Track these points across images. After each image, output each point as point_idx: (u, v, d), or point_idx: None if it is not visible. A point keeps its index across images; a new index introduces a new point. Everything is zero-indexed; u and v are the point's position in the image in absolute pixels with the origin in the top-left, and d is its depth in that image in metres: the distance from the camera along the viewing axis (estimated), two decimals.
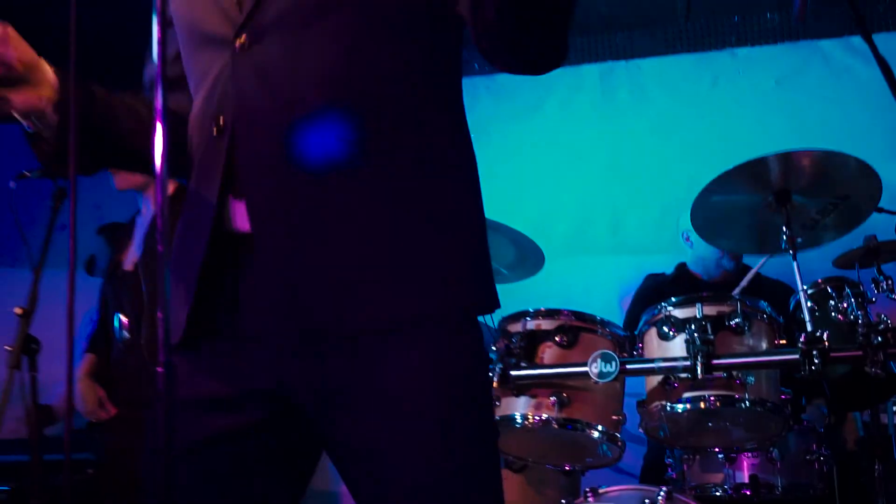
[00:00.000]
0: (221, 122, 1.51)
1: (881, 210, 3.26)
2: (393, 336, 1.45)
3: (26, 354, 3.15)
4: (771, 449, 3.19)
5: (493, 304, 1.58)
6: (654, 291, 4.17)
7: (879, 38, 4.51)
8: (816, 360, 2.79)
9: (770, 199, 3.15)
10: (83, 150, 1.56)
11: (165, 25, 1.17)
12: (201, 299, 1.51)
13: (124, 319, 3.59)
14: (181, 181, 1.72)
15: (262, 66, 1.49)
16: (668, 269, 4.43)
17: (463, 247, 1.54)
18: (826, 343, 2.79)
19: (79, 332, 3.81)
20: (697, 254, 4.24)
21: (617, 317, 4.32)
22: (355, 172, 1.46)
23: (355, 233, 1.44)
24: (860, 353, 2.82)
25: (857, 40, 2.68)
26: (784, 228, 3.09)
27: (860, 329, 2.88)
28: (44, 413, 3.76)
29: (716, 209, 3.31)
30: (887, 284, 3.10)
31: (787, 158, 3.07)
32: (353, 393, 1.45)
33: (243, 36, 1.49)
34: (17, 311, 3.10)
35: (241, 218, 1.49)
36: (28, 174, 3.34)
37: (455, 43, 1.63)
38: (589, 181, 4.89)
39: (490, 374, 2.55)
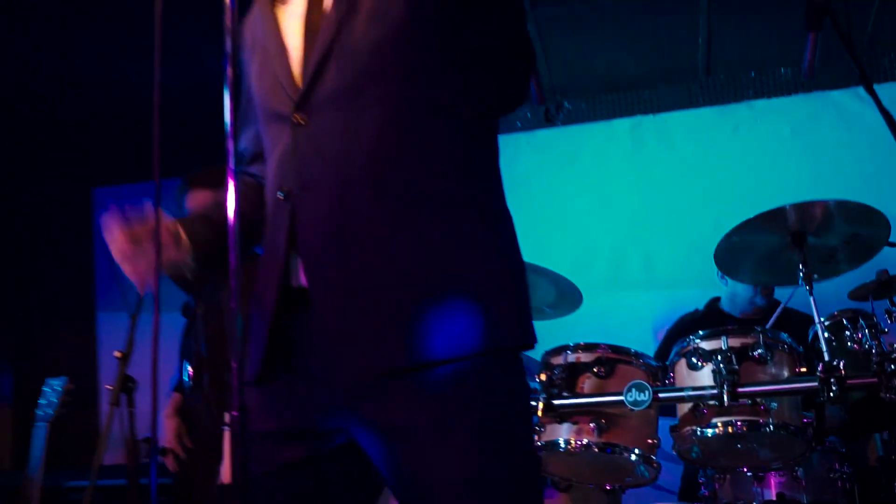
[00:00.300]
0: (285, 190, 1.54)
1: (893, 244, 3.18)
2: (438, 374, 1.43)
3: (125, 392, 3.19)
4: (796, 468, 3.09)
5: (531, 341, 1.56)
6: (685, 328, 4.09)
7: (886, 88, 4.51)
8: (834, 387, 2.71)
9: (788, 240, 3.12)
10: (215, 269, 1.67)
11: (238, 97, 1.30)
12: (273, 344, 1.53)
13: (189, 370, 3.51)
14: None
15: (316, 141, 1.52)
16: (697, 302, 4.35)
17: (503, 291, 1.52)
18: (843, 371, 2.72)
19: (174, 372, 3.84)
20: (732, 290, 4.13)
21: (651, 347, 4.28)
22: (398, 234, 1.46)
23: (401, 288, 1.44)
24: (875, 380, 2.74)
25: (863, 92, 2.65)
26: (801, 266, 3.06)
27: (874, 358, 2.81)
28: (143, 444, 3.80)
29: (738, 249, 3.28)
30: None
31: (801, 207, 3.04)
32: (403, 426, 1.43)
33: (300, 114, 1.53)
34: (117, 354, 3.14)
35: (302, 275, 1.51)
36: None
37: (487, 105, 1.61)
38: (622, 224, 4.87)
39: (533, 404, 2.47)
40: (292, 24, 1.60)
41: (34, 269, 5.80)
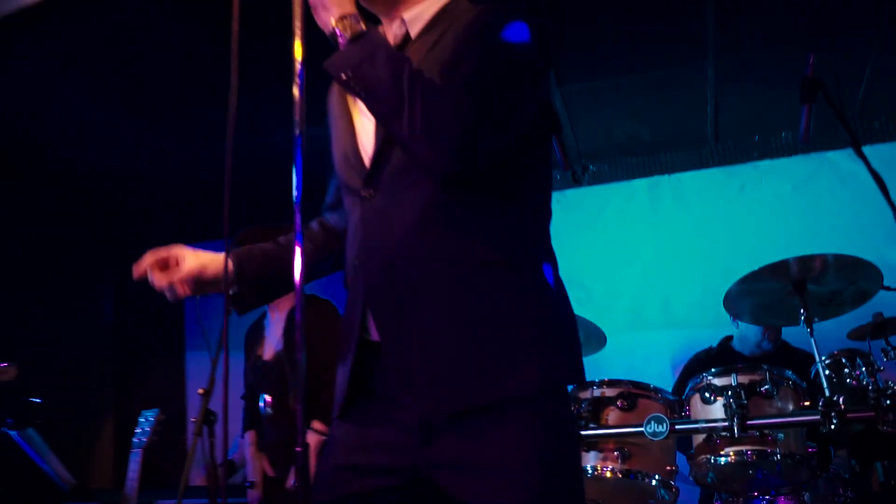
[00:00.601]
0: (359, 258, 1.56)
1: (887, 288, 3.12)
2: (503, 412, 1.41)
3: (206, 424, 3.20)
4: (803, 493, 3.03)
5: (580, 376, 1.54)
6: (699, 365, 4.02)
7: (878, 149, 4.45)
8: (835, 420, 2.69)
9: (790, 287, 3.09)
10: (252, 295, 1.76)
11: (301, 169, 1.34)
12: (354, 388, 1.54)
13: (268, 398, 3.54)
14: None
15: (379, 213, 1.52)
16: (710, 340, 4.27)
17: (561, 336, 1.51)
18: (842, 406, 2.69)
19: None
20: (742, 333, 4.02)
21: (669, 382, 4.21)
22: (449, 294, 1.46)
23: (457, 340, 1.43)
24: (872, 413, 2.71)
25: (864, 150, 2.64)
26: (802, 310, 3.03)
27: (871, 394, 2.76)
28: (226, 466, 3.81)
29: (745, 295, 3.25)
30: (895, 353, 3.02)
31: (802, 260, 3.02)
32: (466, 461, 1.42)
33: (367, 189, 1.54)
34: (200, 391, 3.16)
35: (374, 331, 1.52)
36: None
37: (531, 178, 1.59)
38: (642, 271, 4.82)
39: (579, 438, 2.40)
40: (361, 105, 1.58)
41: (133, 316, 5.85)
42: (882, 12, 3.60)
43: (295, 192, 1.38)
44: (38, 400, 4.41)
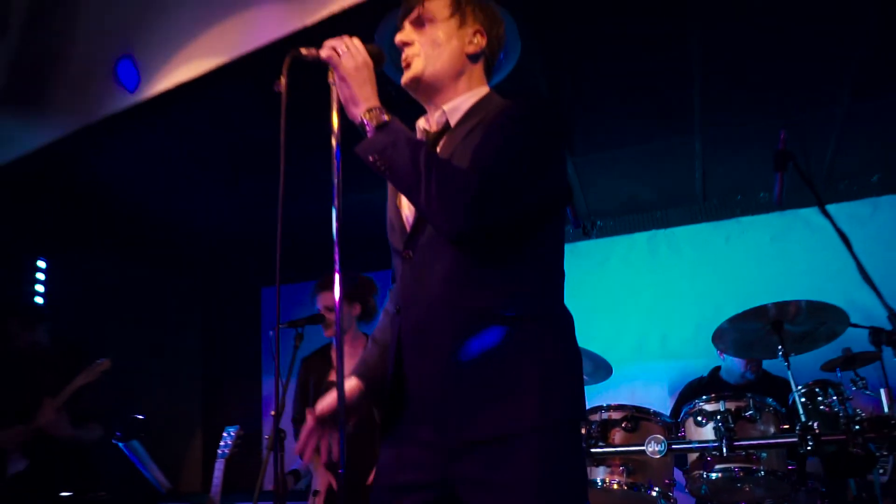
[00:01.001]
0: (397, 307, 1.55)
1: (855, 325, 3.02)
2: (512, 442, 1.38)
3: (277, 441, 3.19)
4: (785, 503, 2.92)
5: (582, 416, 1.51)
6: (693, 392, 3.92)
7: (843, 206, 4.37)
8: (811, 443, 2.59)
9: (769, 327, 3.01)
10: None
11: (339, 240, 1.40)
12: (391, 414, 1.53)
13: None
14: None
15: (415, 271, 1.52)
16: (702, 370, 4.16)
17: (563, 379, 1.46)
18: (817, 430, 2.60)
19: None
20: (728, 365, 3.90)
21: (667, 406, 4.09)
22: (472, 340, 1.43)
23: (472, 381, 1.41)
24: (844, 437, 2.59)
25: (829, 208, 2.58)
26: (779, 346, 2.95)
27: (842, 419, 2.66)
28: (292, 475, 3.79)
29: (730, 333, 3.18)
30: (862, 383, 2.96)
31: (779, 305, 2.96)
32: (486, 482, 1.39)
33: (408, 251, 1.53)
34: (272, 413, 3.16)
35: (406, 367, 1.51)
36: (282, 326, 3.40)
37: (545, 242, 1.55)
38: (643, 312, 4.75)
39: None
40: None
41: (217, 346, 5.88)
42: (844, 90, 3.55)
43: (334, 235, 1.41)
44: (141, 416, 4.45)
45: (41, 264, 4.64)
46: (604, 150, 4.10)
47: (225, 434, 3.76)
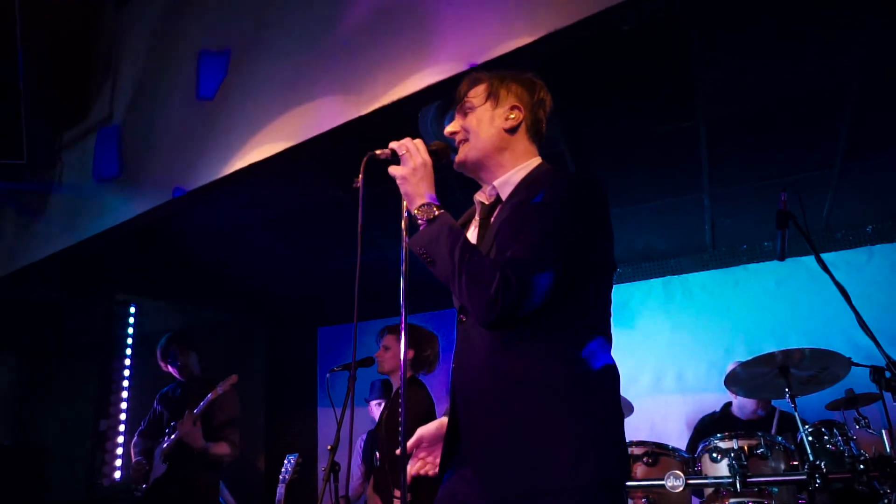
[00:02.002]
0: (455, 362, 1.54)
1: (857, 364, 2.86)
2: (545, 500, 1.32)
3: (332, 472, 3.22)
4: None
5: (620, 476, 1.36)
6: (706, 427, 3.82)
7: (840, 255, 4.28)
8: (818, 480, 2.50)
9: (776, 371, 2.91)
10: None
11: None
12: (447, 457, 1.52)
13: (378, 454, 3.43)
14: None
15: (467, 334, 1.50)
16: (715, 404, 4.05)
17: (598, 440, 1.35)
18: (824, 469, 2.51)
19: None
20: (740, 402, 3.78)
21: (684, 436, 3.99)
22: (506, 405, 1.39)
23: (513, 440, 1.36)
24: (850, 475, 2.52)
25: (825, 257, 2.54)
26: (786, 389, 2.84)
27: (847, 459, 2.60)
28: (342, 500, 3.78)
29: (741, 377, 3.06)
30: (865, 422, 2.85)
31: (785, 352, 2.87)
32: None
33: (462, 315, 1.52)
34: (329, 447, 3.17)
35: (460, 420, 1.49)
36: (336, 370, 3.47)
37: (590, 302, 1.47)
38: (659, 351, 4.65)
39: None
40: None
41: (278, 380, 5.88)
42: (838, 152, 3.53)
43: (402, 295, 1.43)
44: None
45: (132, 309, 4.80)
46: (623, 206, 4.08)
47: (286, 461, 3.72)
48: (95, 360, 4.54)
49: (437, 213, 1.46)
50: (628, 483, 2.81)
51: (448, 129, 1.62)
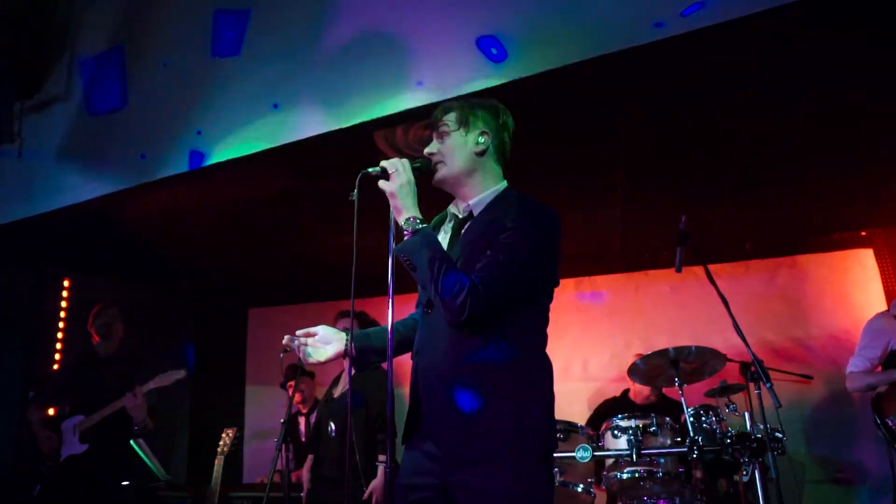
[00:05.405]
0: (417, 348, 1.70)
1: (731, 360, 3.35)
2: (493, 463, 1.50)
3: (284, 444, 3.35)
4: (675, 497, 3.24)
5: (551, 447, 1.58)
6: (607, 408, 4.26)
7: (725, 266, 4.68)
8: (696, 452, 2.96)
9: (669, 364, 3.34)
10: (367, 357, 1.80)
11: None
12: (410, 428, 1.66)
13: (334, 426, 3.54)
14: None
15: (429, 325, 1.68)
16: (615, 391, 4.48)
17: (535, 416, 1.55)
18: (700, 443, 2.96)
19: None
20: (637, 390, 4.19)
21: (586, 417, 4.31)
22: (462, 385, 1.56)
23: (464, 414, 1.54)
24: (719, 447, 2.97)
25: (712, 268, 2.92)
26: (676, 379, 3.26)
27: (718, 435, 3.03)
28: (279, 474, 3.70)
29: (641, 367, 3.45)
30: (733, 407, 3.23)
31: (677, 349, 3.27)
32: (469, 489, 1.53)
33: (427, 308, 1.68)
34: (282, 420, 3.30)
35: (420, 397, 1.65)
36: (287, 351, 3.55)
37: (532, 310, 1.65)
38: (569, 343, 4.97)
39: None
40: None
41: (208, 360, 5.82)
42: (727, 185, 3.96)
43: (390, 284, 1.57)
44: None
45: (65, 282, 4.77)
46: None
47: (224, 434, 3.89)
48: (26, 331, 4.51)
49: (420, 226, 1.61)
50: None
51: (427, 149, 1.77)
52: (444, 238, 1.77)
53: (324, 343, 1.76)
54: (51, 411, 3.97)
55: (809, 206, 4.36)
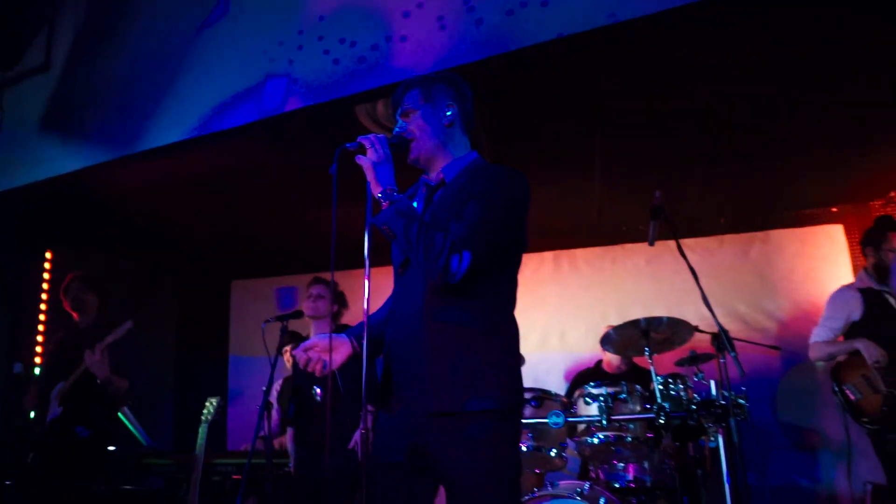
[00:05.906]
0: (392, 309, 1.74)
1: (700, 331, 3.40)
2: (463, 419, 1.53)
3: (266, 410, 3.37)
4: (644, 461, 3.35)
5: (516, 404, 1.61)
6: (581, 378, 4.34)
7: (700, 241, 4.85)
8: (663, 418, 3.03)
9: (640, 333, 3.35)
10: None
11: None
12: (384, 392, 1.69)
13: (318, 390, 3.56)
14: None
15: (404, 287, 1.72)
16: (590, 361, 4.57)
17: (504, 375, 1.58)
18: (668, 409, 3.04)
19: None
20: (609, 359, 4.28)
21: (563, 386, 4.43)
22: (433, 344, 1.59)
23: (436, 373, 1.57)
24: (685, 413, 3.05)
25: (685, 242, 2.99)
26: (647, 348, 3.32)
27: (685, 402, 3.11)
28: (261, 440, 3.81)
29: (613, 337, 3.51)
30: (701, 375, 3.28)
31: (648, 319, 3.32)
32: (442, 448, 1.56)
33: (401, 269, 1.73)
34: (263, 388, 3.29)
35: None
36: (271, 321, 3.46)
37: (504, 274, 1.67)
38: (547, 315, 5.09)
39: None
40: None
41: (192, 331, 5.91)
42: (702, 160, 4.07)
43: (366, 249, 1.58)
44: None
45: (48, 255, 4.78)
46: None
47: (207, 403, 3.90)
48: (9, 304, 4.53)
49: (396, 196, 1.63)
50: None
51: (395, 131, 1.79)
52: (416, 206, 1.78)
53: (326, 351, 1.76)
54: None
55: (782, 182, 4.47)
